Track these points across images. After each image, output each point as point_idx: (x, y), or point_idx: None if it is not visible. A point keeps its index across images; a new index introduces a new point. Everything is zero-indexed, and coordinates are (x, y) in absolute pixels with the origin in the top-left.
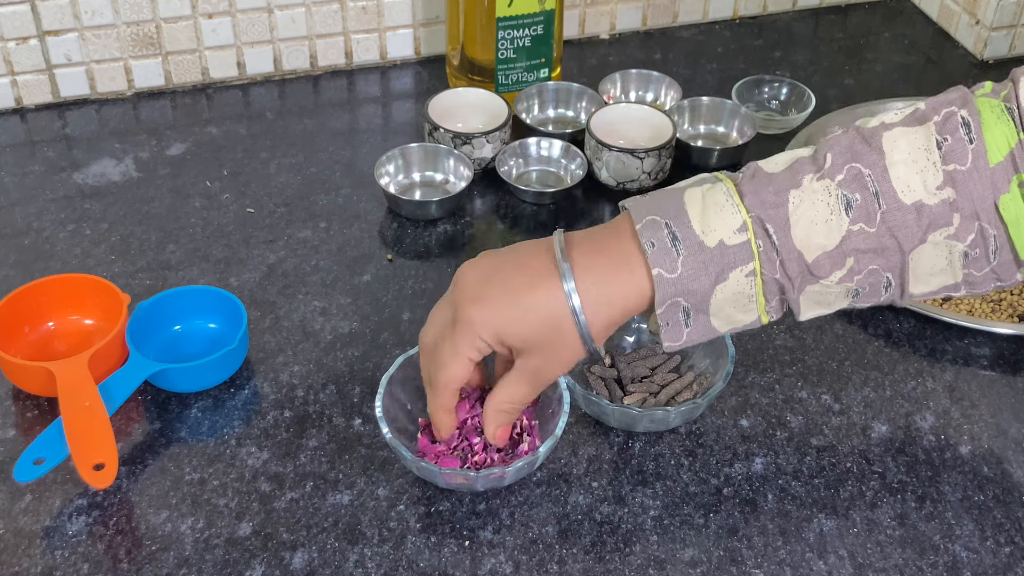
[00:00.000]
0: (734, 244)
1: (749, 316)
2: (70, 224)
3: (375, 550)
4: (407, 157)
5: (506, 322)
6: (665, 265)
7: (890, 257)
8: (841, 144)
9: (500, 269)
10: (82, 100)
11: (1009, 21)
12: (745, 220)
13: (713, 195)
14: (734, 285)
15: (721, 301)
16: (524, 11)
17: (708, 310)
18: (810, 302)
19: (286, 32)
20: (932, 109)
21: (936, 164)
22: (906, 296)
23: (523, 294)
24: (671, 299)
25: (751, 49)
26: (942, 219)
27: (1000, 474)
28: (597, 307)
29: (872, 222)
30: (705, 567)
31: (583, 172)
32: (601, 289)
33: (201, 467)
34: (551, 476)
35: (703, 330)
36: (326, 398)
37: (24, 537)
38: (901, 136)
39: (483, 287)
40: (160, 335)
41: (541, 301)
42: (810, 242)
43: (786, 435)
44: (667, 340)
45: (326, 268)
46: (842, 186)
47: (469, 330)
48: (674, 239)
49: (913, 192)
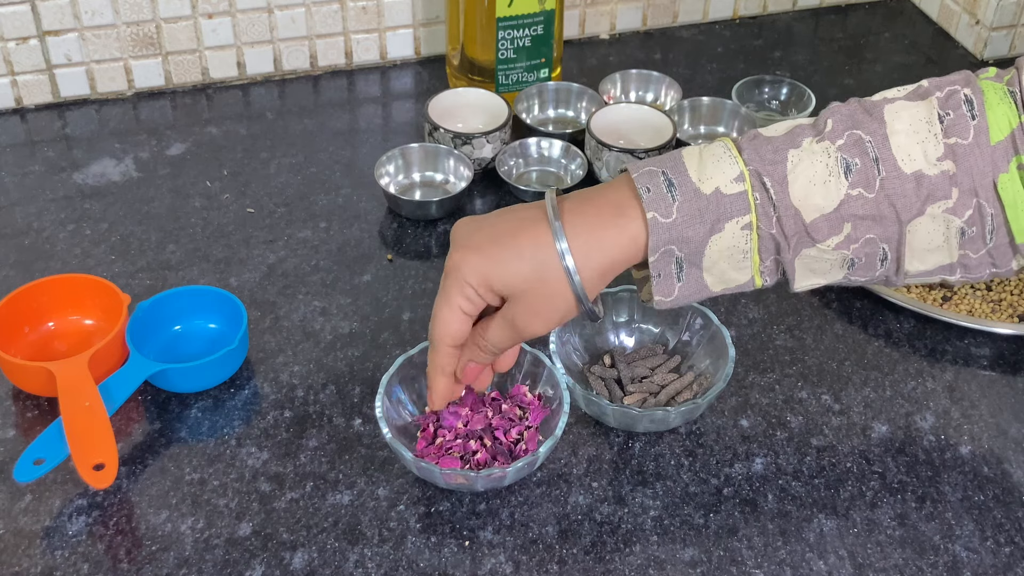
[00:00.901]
0: (731, 193)
1: (742, 275)
2: (70, 224)
3: (375, 550)
4: (407, 157)
5: (491, 264)
6: (660, 209)
7: (888, 227)
8: (842, 112)
9: (490, 220)
10: (82, 100)
11: (1009, 21)
12: (742, 171)
13: (711, 149)
14: (729, 237)
15: (715, 254)
16: (524, 11)
17: (701, 263)
18: (805, 269)
19: (286, 32)
20: (935, 86)
21: (937, 136)
22: (901, 273)
23: (508, 237)
24: (665, 246)
25: (751, 49)
26: (941, 191)
27: (1000, 474)
28: (588, 253)
29: (871, 188)
30: (705, 567)
31: (583, 172)
32: (592, 235)
33: (201, 467)
34: (551, 476)
35: (695, 286)
36: (326, 398)
37: (24, 537)
38: (903, 108)
39: (472, 236)
40: (160, 335)
41: (526, 244)
42: (808, 202)
43: (786, 435)
44: (658, 294)
45: (326, 268)
46: (842, 150)
47: (456, 276)
48: (670, 185)
49: (913, 161)
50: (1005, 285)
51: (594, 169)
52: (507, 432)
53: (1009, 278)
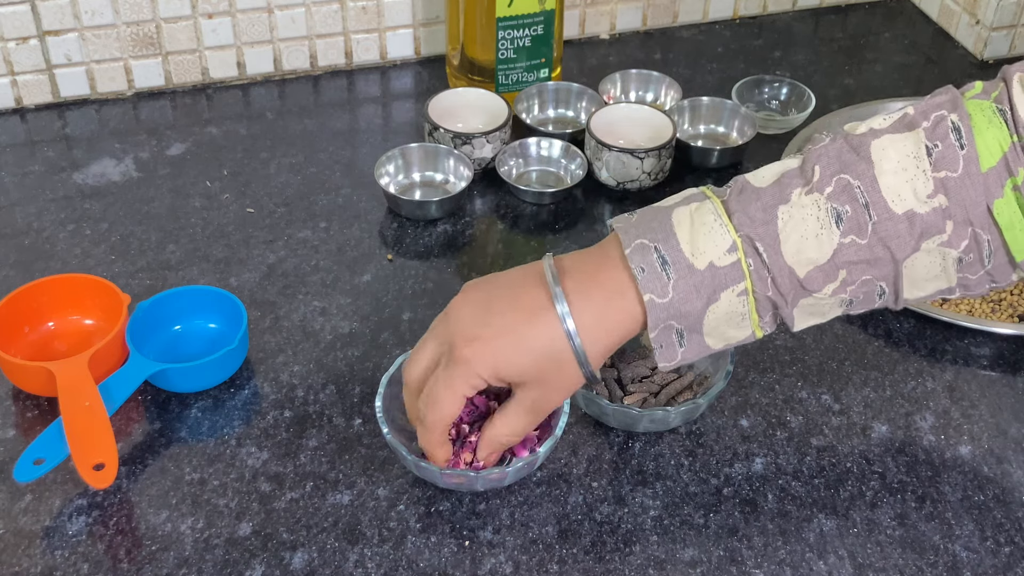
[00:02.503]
0: (724, 265)
1: (743, 332)
2: (70, 224)
3: (375, 550)
4: (407, 157)
5: (504, 359)
6: (656, 290)
7: (883, 267)
8: (829, 155)
9: (493, 304)
10: (82, 100)
11: (1009, 21)
12: (734, 240)
13: (701, 215)
14: (726, 305)
15: (714, 321)
16: (524, 11)
17: (702, 330)
18: (804, 314)
19: (286, 32)
20: (921, 114)
21: (926, 172)
22: (900, 301)
23: (520, 330)
24: (664, 322)
25: (751, 49)
26: (934, 227)
27: (1000, 474)
28: (595, 335)
29: (863, 234)
30: (705, 567)
31: (583, 172)
32: (596, 317)
33: (201, 467)
34: (551, 476)
35: (697, 348)
36: (326, 398)
37: (24, 537)
38: (890, 144)
39: (478, 325)
40: (160, 335)
41: (538, 335)
42: (801, 257)
43: (786, 435)
44: (662, 360)
45: (326, 268)
46: (831, 199)
47: (466, 369)
48: (664, 263)
49: (904, 201)
50: None
51: (594, 169)
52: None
53: None
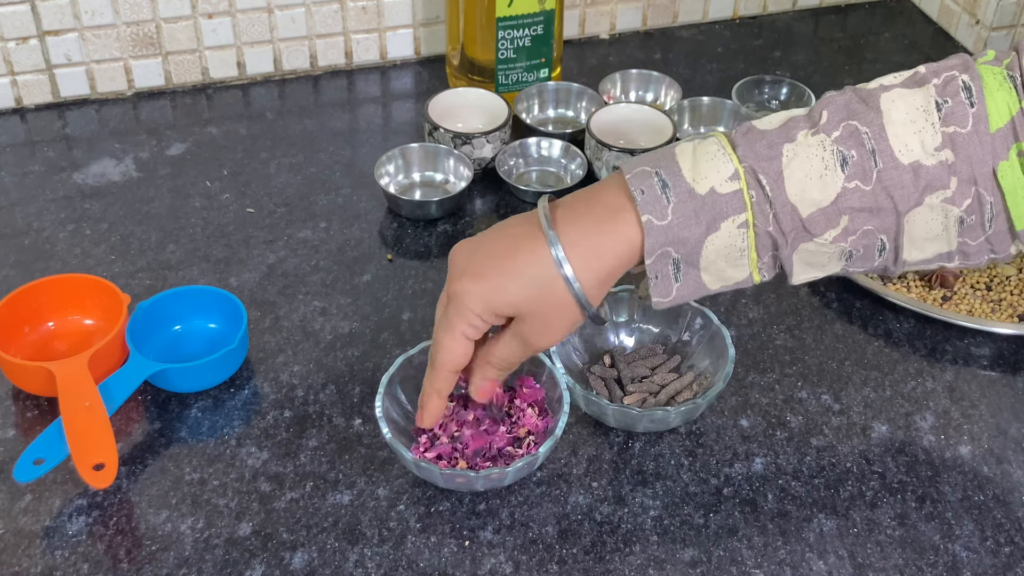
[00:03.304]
0: (726, 192)
1: (740, 272)
2: (70, 224)
3: (375, 550)
4: (407, 157)
5: (493, 290)
6: (655, 212)
7: (885, 218)
8: (837, 103)
9: (486, 242)
10: (82, 100)
11: (1009, 21)
12: (737, 169)
13: (704, 146)
14: (726, 236)
15: (712, 253)
16: (524, 11)
17: (699, 263)
18: (803, 263)
19: (286, 32)
20: (933, 72)
21: (935, 125)
22: (899, 262)
23: (507, 260)
24: (661, 248)
25: (751, 49)
26: (939, 181)
27: (1000, 474)
28: (586, 262)
29: (868, 180)
30: (705, 567)
31: (583, 172)
32: (588, 243)
33: (201, 467)
34: (551, 476)
35: (693, 285)
36: (326, 398)
37: (24, 537)
38: (899, 97)
39: (470, 261)
40: (160, 335)
41: (525, 264)
42: (804, 196)
43: (786, 435)
44: (656, 295)
45: (326, 268)
46: (838, 142)
47: (459, 304)
48: (664, 186)
49: (911, 152)
50: (1005, 285)
51: (594, 169)
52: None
53: (1009, 278)
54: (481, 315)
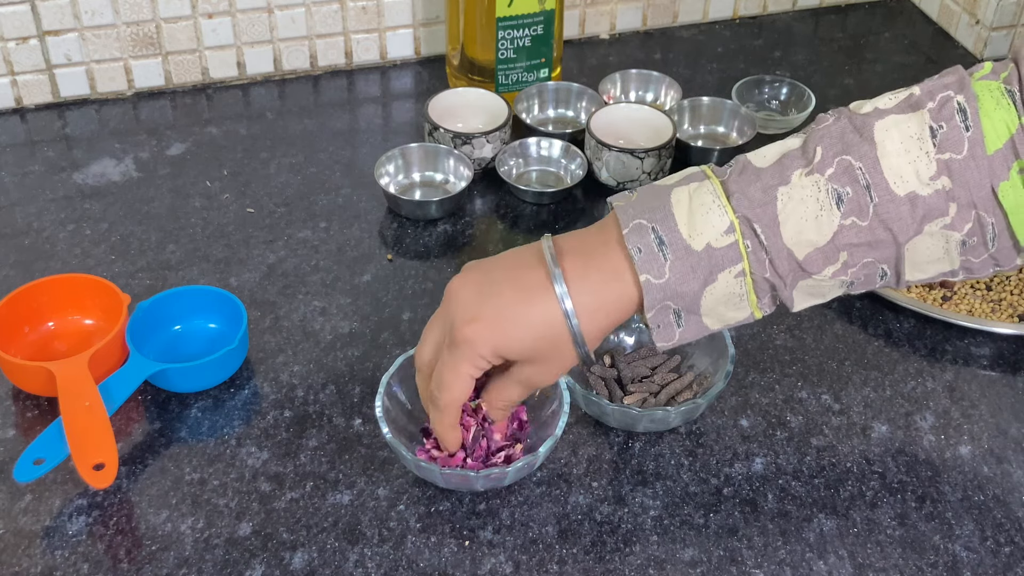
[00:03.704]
0: (721, 246)
1: (742, 313)
2: (70, 224)
3: (375, 550)
4: (407, 157)
5: (504, 339)
6: (652, 271)
7: (885, 249)
8: (831, 135)
9: (492, 284)
10: (82, 100)
11: (1009, 21)
12: (732, 221)
13: (700, 196)
14: (723, 286)
15: (712, 301)
16: (524, 11)
17: (699, 311)
18: (803, 294)
19: (286, 32)
20: (927, 94)
21: (929, 154)
22: (902, 283)
23: (520, 310)
24: (660, 303)
25: (751, 49)
26: (937, 210)
27: (1000, 474)
28: (592, 315)
29: (864, 216)
30: (705, 567)
31: (583, 172)
32: (594, 298)
33: (201, 467)
34: (551, 476)
35: (696, 329)
36: (326, 398)
37: (24, 537)
38: (893, 125)
39: (477, 306)
40: (160, 335)
41: (537, 315)
42: (801, 239)
43: (786, 435)
44: (659, 340)
45: (326, 268)
46: (832, 180)
47: (469, 350)
48: (661, 243)
49: (906, 183)
50: (1005, 285)
51: (594, 169)
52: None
53: (1009, 278)
54: (489, 359)
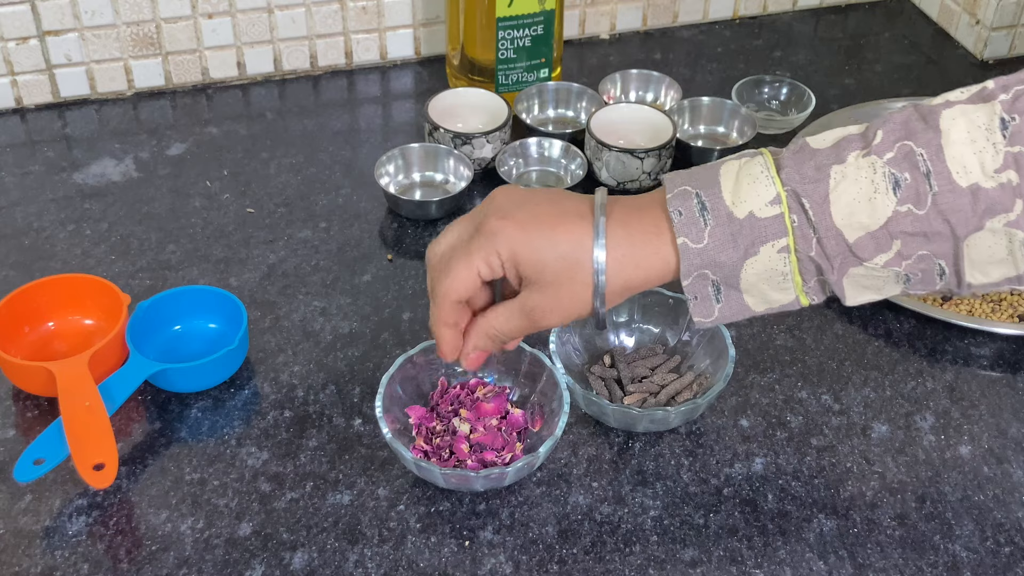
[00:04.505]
0: (765, 217)
1: (786, 295)
2: (70, 224)
3: (375, 550)
4: (407, 157)
5: (526, 244)
6: (691, 235)
7: (942, 242)
8: (895, 121)
9: (535, 197)
10: (82, 100)
11: (1009, 21)
12: (779, 192)
13: (749, 167)
14: (765, 260)
15: (752, 276)
16: (524, 11)
17: (739, 285)
18: (856, 286)
19: (286, 32)
20: (1001, 87)
21: (996, 145)
22: (964, 286)
23: (550, 224)
24: (697, 270)
25: (751, 49)
26: (1001, 205)
27: (1000, 474)
28: (621, 266)
29: (922, 204)
30: (705, 567)
31: (583, 172)
32: (627, 250)
33: (201, 467)
34: (551, 476)
35: (736, 307)
36: (326, 398)
37: (24, 537)
38: (961, 114)
39: (514, 207)
40: (160, 335)
41: (565, 238)
42: (851, 220)
43: (786, 435)
44: (697, 315)
45: (326, 268)
46: (891, 164)
47: (489, 242)
48: (703, 208)
49: (969, 174)
50: None
51: (594, 169)
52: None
53: None
54: (504, 261)
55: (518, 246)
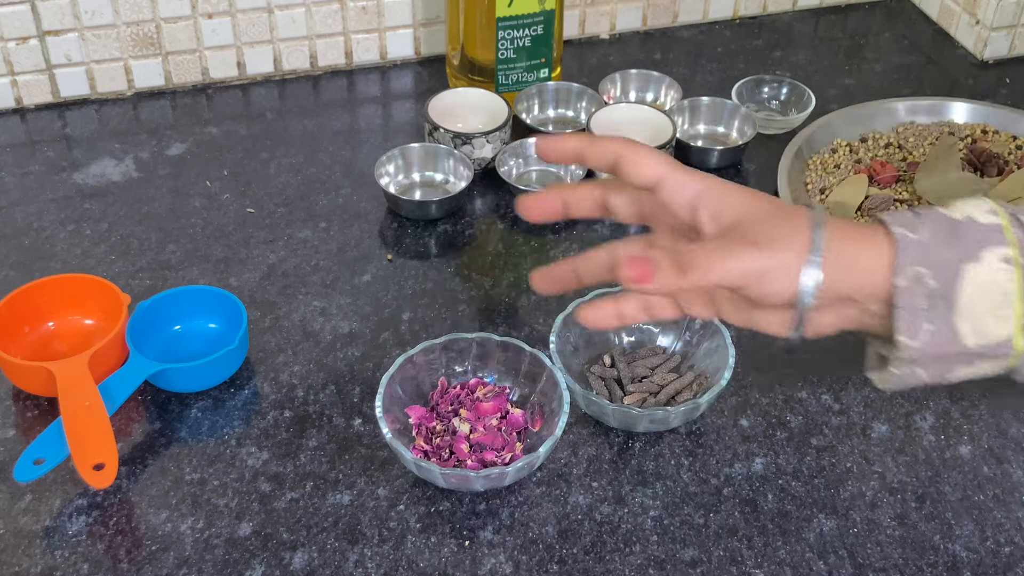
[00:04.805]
0: (986, 222)
1: (1002, 327)
2: (70, 224)
3: (375, 550)
4: (407, 157)
5: (725, 199)
6: (908, 226)
7: None
8: None
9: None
10: (82, 100)
11: (1009, 21)
12: (995, 207)
13: (966, 198)
14: (988, 270)
15: (972, 290)
16: (524, 11)
17: (956, 300)
18: None
19: (286, 32)
20: None
21: None
22: None
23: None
24: (913, 267)
25: (751, 49)
26: None
27: (1000, 474)
28: (835, 268)
29: None
30: (705, 567)
31: (583, 172)
32: (842, 247)
33: (201, 467)
34: (551, 476)
35: (947, 334)
36: (326, 398)
37: (24, 537)
38: None
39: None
40: (160, 335)
41: (785, 221)
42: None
43: (786, 435)
44: (902, 333)
45: (326, 268)
46: None
47: (701, 186)
48: (916, 214)
49: None
50: None
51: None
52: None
53: None
54: (701, 210)
55: (717, 198)
